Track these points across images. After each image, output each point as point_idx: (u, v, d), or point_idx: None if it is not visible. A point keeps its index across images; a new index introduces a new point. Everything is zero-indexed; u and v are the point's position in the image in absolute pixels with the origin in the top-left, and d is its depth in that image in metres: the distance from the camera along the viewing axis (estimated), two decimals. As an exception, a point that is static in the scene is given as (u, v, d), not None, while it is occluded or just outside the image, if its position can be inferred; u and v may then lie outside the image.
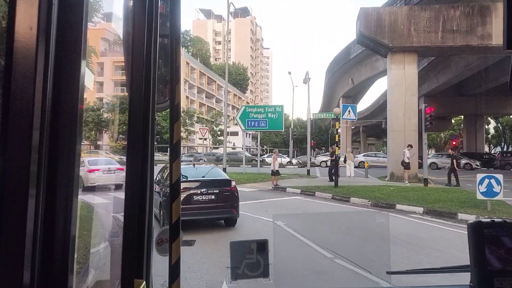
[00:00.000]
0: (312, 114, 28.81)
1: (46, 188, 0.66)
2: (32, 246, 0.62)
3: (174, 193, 1.12)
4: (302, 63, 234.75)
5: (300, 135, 56.84)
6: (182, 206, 1.16)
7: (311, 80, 28.83)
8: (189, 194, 8.41)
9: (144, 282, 0.98)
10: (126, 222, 0.97)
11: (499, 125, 56.95)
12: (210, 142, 49.63)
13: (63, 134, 0.69)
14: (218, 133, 50.28)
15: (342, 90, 48.30)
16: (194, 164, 11.79)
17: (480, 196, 10.02)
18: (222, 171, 10.59)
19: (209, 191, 8.62)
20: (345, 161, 23.47)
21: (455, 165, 17.76)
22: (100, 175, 13.47)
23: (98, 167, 13.75)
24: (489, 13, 19.50)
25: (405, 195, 13.45)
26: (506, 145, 57.31)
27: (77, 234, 0.72)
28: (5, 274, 0.60)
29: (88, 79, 0.80)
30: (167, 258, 1.11)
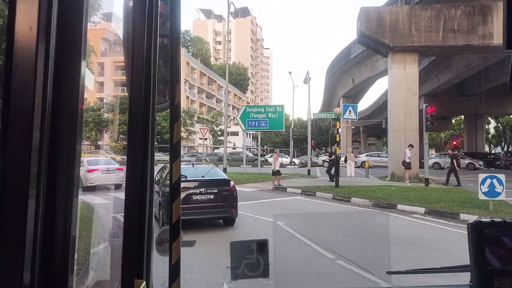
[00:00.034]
0: (312, 114, 28.74)
1: (46, 188, 0.66)
2: (32, 246, 0.63)
3: (174, 193, 1.11)
4: (302, 63, 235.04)
5: (300, 135, 56.83)
6: (181, 206, 1.15)
7: (312, 80, 28.80)
8: (188, 193, 8.43)
9: (144, 282, 0.98)
10: (126, 222, 0.97)
11: (499, 125, 56.93)
12: (211, 142, 49.63)
13: (63, 134, 0.69)
14: (219, 133, 50.28)
15: (343, 90, 48.27)
16: (193, 164, 11.81)
17: (482, 196, 9.94)
18: (221, 171, 10.56)
19: (208, 191, 8.64)
20: (345, 161, 23.43)
21: (455, 165, 17.79)
22: (99, 175, 13.58)
23: (97, 167, 13.82)
24: (490, 12, 19.44)
25: (406, 195, 13.39)
26: (506, 145, 57.28)
27: (77, 234, 0.72)
28: (5, 274, 0.60)
29: (88, 79, 0.80)
30: (167, 258, 1.11)
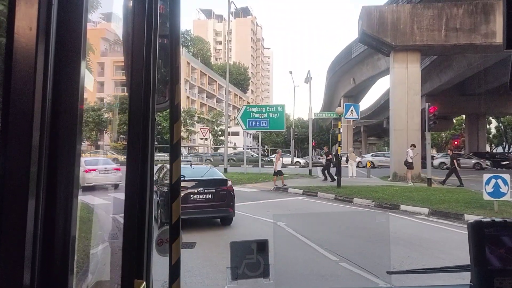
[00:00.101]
0: (313, 113, 28.61)
1: (46, 188, 0.66)
2: (32, 246, 0.63)
3: (174, 193, 1.11)
4: (302, 63, 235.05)
5: (301, 135, 56.72)
6: None
7: (312, 79, 28.67)
8: (186, 193, 8.48)
9: (144, 283, 0.98)
10: (126, 222, 0.97)
11: (501, 124, 56.80)
12: (211, 142, 49.57)
13: (63, 134, 0.69)
14: (219, 133, 50.20)
15: (344, 89, 48.15)
16: (191, 164, 11.87)
17: (486, 196, 9.81)
18: (219, 171, 10.58)
19: (205, 191, 8.74)
20: (347, 161, 23.29)
21: (456, 165, 17.78)
22: (96, 175, 13.67)
23: (94, 167, 13.86)
24: (492, 11, 19.29)
25: (409, 196, 13.25)
26: (507, 145, 57.16)
27: (77, 234, 0.72)
28: (5, 274, 0.60)
29: (87, 80, 0.80)
30: (167, 258, 1.10)
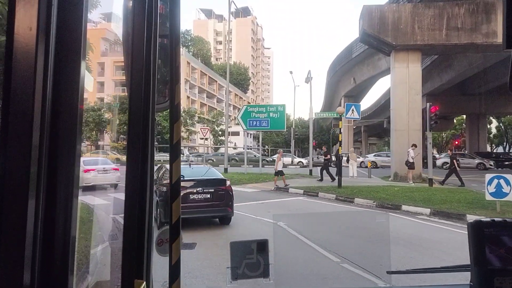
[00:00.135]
0: (314, 113, 28.54)
1: (46, 188, 0.66)
2: (32, 246, 0.63)
3: (174, 193, 1.10)
4: (303, 63, 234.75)
5: (301, 135, 56.67)
6: None
7: (313, 79, 28.60)
8: (185, 193, 8.50)
9: (144, 283, 0.98)
10: (126, 222, 0.96)
11: (501, 124, 56.72)
12: (211, 142, 49.49)
13: (63, 134, 0.69)
14: (219, 133, 50.12)
15: (344, 89, 48.06)
16: (190, 164, 11.92)
17: (489, 197, 9.74)
18: (217, 171, 10.60)
19: (204, 190, 8.83)
20: (347, 161, 23.22)
21: (456, 165, 17.72)
22: (95, 175, 13.69)
23: (93, 167, 13.88)
24: (494, 10, 19.23)
25: (410, 196, 13.18)
26: (508, 144, 57.09)
27: (77, 234, 0.71)
28: (5, 274, 0.60)
29: (87, 80, 0.79)
30: (167, 258, 1.09)
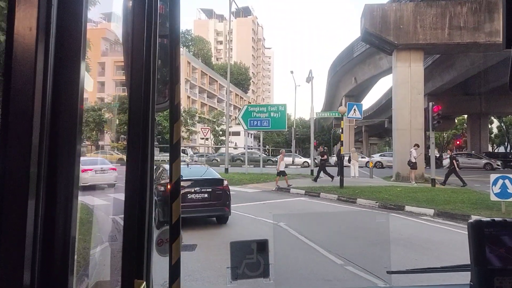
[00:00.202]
0: (315, 113, 28.39)
1: (46, 188, 0.66)
2: (32, 246, 0.62)
3: (174, 193, 1.09)
4: (303, 63, 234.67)
5: (302, 135, 56.54)
6: None
7: (314, 79, 28.46)
8: (183, 192, 8.54)
9: (144, 283, 0.97)
10: (126, 222, 0.96)
11: (503, 124, 56.55)
12: (212, 142, 49.39)
13: (63, 134, 0.69)
14: (220, 133, 50.01)
15: (345, 89, 47.91)
16: (187, 164, 12.02)
17: (494, 197, 9.60)
18: (215, 171, 10.62)
19: (202, 190, 8.97)
20: (349, 161, 23.08)
21: (455, 165, 17.59)
22: (93, 175, 13.70)
23: (91, 167, 13.86)
24: (496, 9, 19.07)
25: (413, 196, 13.03)
26: (509, 144, 56.94)
27: (77, 234, 0.71)
28: (5, 274, 0.60)
29: (87, 80, 0.77)
30: (167, 258, 1.09)
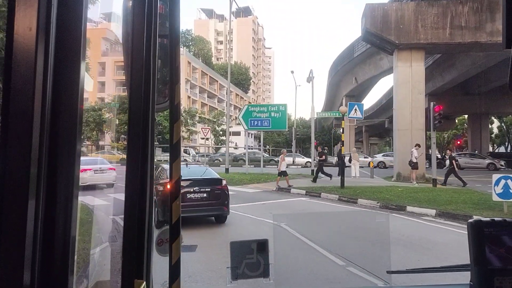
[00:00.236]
0: (316, 113, 28.33)
1: (46, 188, 0.66)
2: (32, 246, 0.62)
3: (174, 193, 1.09)
4: (304, 63, 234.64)
5: (303, 135, 56.47)
6: None
7: (314, 79, 28.39)
8: (182, 192, 8.57)
9: (144, 283, 0.97)
10: (126, 222, 0.96)
11: (503, 124, 56.48)
12: (212, 142, 49.33)
13: (63, 134, 0.69)
14: (220, 133, 49.95)
15: (346, 89, 47.87)
16: (186, 164, 12.02)
17: (496, 197, 9.55)
18: (214, 171, 10.63)
19: (201, 190, 9.07)
20: (350, 161, 23.02)
21: (455, 165, 17.55)
22: (92, 175, 13.69)
23: (89, 167, 13.85)
24: (498, 8, 18.98)
25: (415, 197, 12.97)
26: (510, 144, 56.88)
27: (77, 234, 0.71)
28: (5, 274, 0.60)
29: (87, 80, 0.77)
30: (167, 258, 1.08)
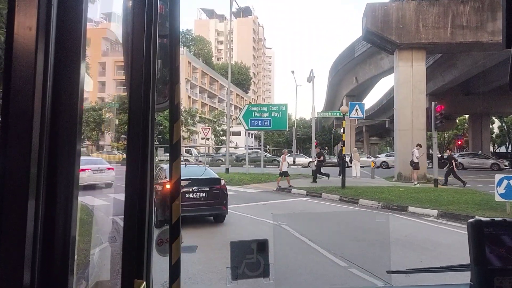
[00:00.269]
0: (316, 113, 28.26)
1: (46, 188, 0.66)
2: (32, 246, 0.62)
3: (174, 193, 1.09)
4: (304, 63, 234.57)
5: (303, 135, 56.41)
6: None
7: (315, 78, 28.33)
8: (181, 192, 8.31)
9: (144, 283, 0.97)
10: (126, 222, 0.95)
11: (504, 124, 56.39)
12: (213, 142, 49.28)
13: (63, 134, 0.69)
14: (221, 133, 49.91)
15: (346, 89, 47.82)
16: (185, 164, 12.12)
17: (498, 198, 9.49)
18: (212, 171, 10.63)
19: (200, 189, 9.10)
20: (351, 161, 22.96)
21: (454, 166, 17.50)
22: (90, 175, 13.69)
23: (88, 167, 13.84)
24: (499, 8, 18.83)
25: (416, 197, 12.89)
26: (511, 145, 56.80)
27: (77, 234, 0.71)
28: (5, 274, 0.60)
29: (87, 80, 0.77)
30: (167, 258, 1.08)
